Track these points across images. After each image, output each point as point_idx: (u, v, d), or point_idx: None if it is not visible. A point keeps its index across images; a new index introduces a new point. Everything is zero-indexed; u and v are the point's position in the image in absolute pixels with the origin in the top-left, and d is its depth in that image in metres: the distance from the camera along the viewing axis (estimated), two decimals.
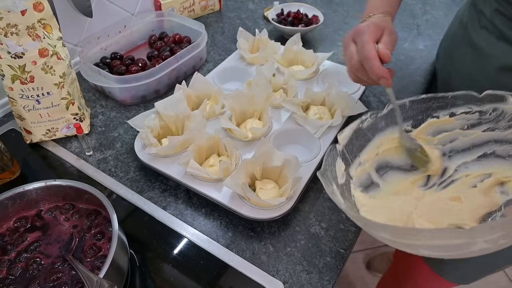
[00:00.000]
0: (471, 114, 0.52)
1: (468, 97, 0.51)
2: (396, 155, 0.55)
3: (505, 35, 0.59)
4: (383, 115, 0.53)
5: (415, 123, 0.54)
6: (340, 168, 0.50)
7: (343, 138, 0.51)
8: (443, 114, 0.53)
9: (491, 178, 0.51)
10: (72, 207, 0.55)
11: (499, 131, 0.51)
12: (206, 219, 0.60)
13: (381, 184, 0.54)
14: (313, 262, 0.55)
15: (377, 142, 0.54)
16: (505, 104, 0.49)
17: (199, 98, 0.75)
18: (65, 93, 0.66)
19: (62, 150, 0.71)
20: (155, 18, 0.95)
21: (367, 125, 0.53)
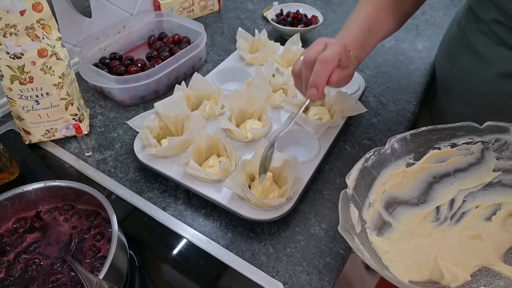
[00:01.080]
0: (473, 144, 0.52)
1: (469, 128, 0.51)
2: (402, 190, 0.55)
3: (504, 41, 0.59)
4: (386, 150, 0.53)
5: (417, 155, 0.54)
6: (354, 215, 0.49)
7: (351, 181, 0.50)
8: (444, 145, 0.53)
9: (503, 210, 0.51)
10: (72, 208, 0.55)
11: (503, 160, 0.51)
12: (205, 220, 0.60)
13: (393, 223, 0.54)
14: (313, 263, 0.55)
15: (383, 179, 0.54)
16: (508, 135, 0.49)
17: (199, 98, 0.75)
18: (64, 93, 0.66)
19: (61, 150, 0.70)
20: (154, 19, 0.95)
21: (372, 163, 0.53)
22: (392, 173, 0.54)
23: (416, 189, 0.56)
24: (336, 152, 0.71)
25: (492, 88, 0.63)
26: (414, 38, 1.03)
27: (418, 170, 0.55)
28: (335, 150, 0.71)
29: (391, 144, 0.53)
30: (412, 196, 0.55)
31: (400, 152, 0.54)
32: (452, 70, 0.73)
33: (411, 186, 0.56)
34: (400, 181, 0.55)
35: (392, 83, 0.87)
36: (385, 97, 0.83)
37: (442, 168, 0.55)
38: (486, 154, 0.52)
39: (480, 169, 0.53)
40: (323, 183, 0.65)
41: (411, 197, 0.55)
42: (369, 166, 0.53)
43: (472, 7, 0.66)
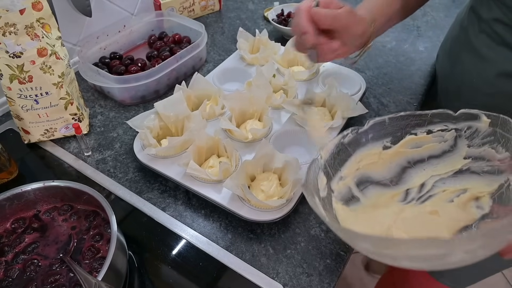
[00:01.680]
0: (448, 132, 0.53)
1: (445, 115, 0.53)
2: (376, 170, 0.56)
3: (505, 41, 0.59)
4: (364, 131, 0.54)
5: (394, 139, 0.55)
6: (322, 181, 0.50)
7: (325, 152, 0.51)
8: (420, 131, 0.54)
9: (467, 193, 0.52)
10: (71, 208, 0.54)
11: (473, 148, 0.52)
12: (205, 221, 0.59)
13: (361, 198, 0.55)
14: (313, 265, 0.54)
15: (358, 157, 0.55)
16: (479, 122, 0.50)
17: (199, 98, 0.74)
18: (63, 93, 0.65)
19: (61, 150, 0.70)
20: (154, 18, 0.95)
21: (348, 141, 0.54)
22: (367, 153, 0.55)
23: (390, 172, 0.57)
24: None
25: (492, 88, 0.63)
26: (415, 39, 1.02)
27: (393, 154, 0.56)
28: None
29: (370, 125, 0.54)
30: (384, 178, 0.56)
31: (377, 134, 0.55)
32: (453, 70, 0.72)
33: (385, 168, 0.56)
34: (375, 162, 0.56)
35: (393, 84, 0.86)
36: (386, 98, 0.83)
37: (417, 153, 0.56)
38: (459, 142, 0.53)
39: (453, 156, 0.54)
40: None
41: (384, 178, 0.56)
42: (345, 143, 0.53)
43: (474, 6, 0.66)
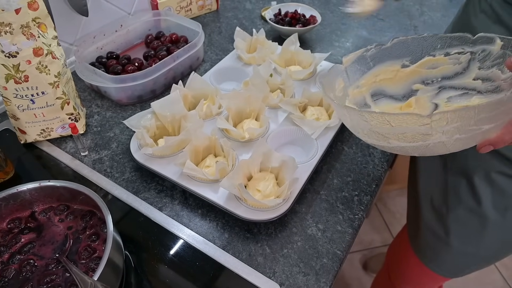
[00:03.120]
0: (463, 55, 0.55)
1: (464, 38, 0.55)
2: (391, 85, 0.59)
3: (500, 18, 0.60)
4: (387, 47, 0.57)
5: (413, 59, 0.58)
6: (339, 84, 0.54)
7: (347, 61, 0.55)
8: (439, 53, 0.57)
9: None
10: (67, 208, 0.54)
11: (483, 70, 0.54)
12: (202, 220, 0.59)
13: (372, 107, 0.58)
14: (309, 264, 0.54)
15: (377, 71, 0.58)
16: (493, 45, 0.52)
17: (196, 98, 0.74)
18: (60, 92, 0.65)
19: (57, 150, 0.70)
20: (151, 18, 0.94)
21: (371, 54, 0.57)
22: (386, 69, 0.58)
23: (404, 88, 0.59)
24: (334, 152, 0.70)
25: None
26: None
27: (410, 72, 0.58)
28: (333, 151, 0.71)
29: (393, 43, 0.57)
30: (398, 93, 0.59)
31: (399, 53, 0.57)
32: None
33: (400, 85, 0.59)
34: (391, 78, 0.59)
35: None
36: None
37: (432, 74, 0.58)
38: (471, 64, 0.55)
39: (463, 77, 0.56)
40: (320, 183, 0.65)
41: (397, 93, 0.59)
42: (367, 56, 0.56)
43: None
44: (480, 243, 0.70)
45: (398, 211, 1.76)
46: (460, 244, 0.72)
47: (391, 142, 0.43)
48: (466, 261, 0.77)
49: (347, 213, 0.61)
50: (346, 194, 0.64)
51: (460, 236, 0.71)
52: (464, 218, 0.69)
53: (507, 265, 1.57)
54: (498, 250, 0.72)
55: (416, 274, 0.88)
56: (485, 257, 0.75)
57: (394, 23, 1.09)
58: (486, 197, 0.65)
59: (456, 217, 0.70)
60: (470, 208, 0.67)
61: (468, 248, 0.72)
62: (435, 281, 0.89)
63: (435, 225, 0.74)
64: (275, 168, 0.61)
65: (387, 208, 1.77)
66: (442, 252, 0.77)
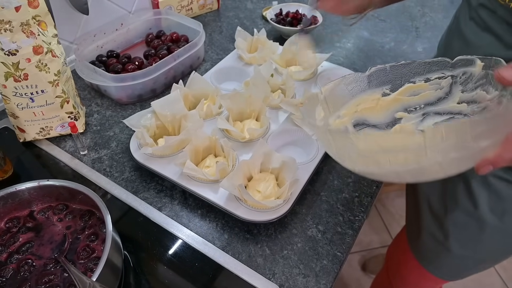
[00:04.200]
0: (444, 79, 0.55)
1: (443, 63, 0.54)
2: (373, 115, 0.58)
3: (488, 26, 0.60)
4: (365, 76, 0.56)
5: (393, 87, 0.57)
6: (319, 113, 0.52)
7: (325, 90, 0.53)
8: (419, 80, 0.56)
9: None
10: (66, 208, 0.54)
11: (467, 93, 0.54)
12: (202, 221, 0.59)
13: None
14: (309, 266, 0.54)
15: (357, 101, 0.56)
16: (473, 67, 0.52)
17: (196, 97, 0.74)
18: (59, 91, 0.65)
19: (56, 149, 0.70)
20: (152, 16, 0.94)
21: (349, 82, 0.55)
22: (367, 98, 0.56)
23: (386, 118, 0.58)
24: None
25: None
26: (413, 40, 1.02)
27: (392, 101, 0.57)
28: None
29: (371, 72, 0.56)
30: (381, 122, 0.58)
31: (378, 81, 0.56)
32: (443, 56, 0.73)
33: (383, 114, 0.58)
34: (373, 107, 0.57)
35: None
36: None
37: (414, 101, 0.57)
38: (454, 88, 0.55)
39: (447, 102, 0.56)
40: (321, 184, 0.65)
41: (381, 123, 0.58)
42: (346, 85, 0.55)
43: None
44: (479, 247, 0.70)
45: (397, 212, 1.75)
46: (459, 248, 0.72)
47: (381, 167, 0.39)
48: (465, 264, 0.77)
49: (347, 214, 0.61)
50: (347, 195, 0.63)
51: (459, 240, 0.71)
52: (463, 222, 0.69)
53: (506, 267, 1.57)
54: (496, 253, 0.72)
55: (415, 276, 0.88)
56: (484, 260, 0.75)
57: (395, 24, 1.09)
58: (483, 201, 0.65)
59: (455, 221, 0.70)
60: (468, 211, 0.67)
61: (467, 251, 0.72)
62: (434, 284, 0.89)
63: (434, 228, 0.74)
64: (276, 169, 0.61)
65: (386, 209, 1.77)
66: (441, 255, 0.77)
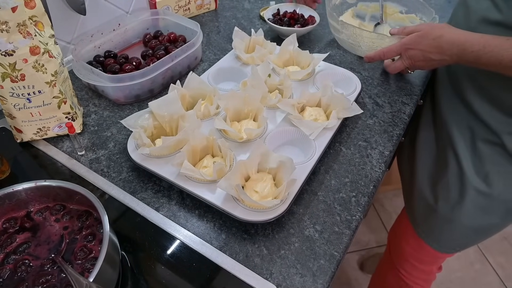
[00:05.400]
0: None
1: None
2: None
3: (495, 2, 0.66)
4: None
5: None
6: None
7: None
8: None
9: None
10: (63, 208, 0.54)
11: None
12: (199, 221, 0.59)
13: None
14: (307, 265, 0.54)
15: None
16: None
17: (194, 98, 0.74)
18: (57, 91, 0.65)
19: (54, 149, 0.69)
20: (150, 17, 0.94)
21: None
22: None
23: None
24: (332, 153, 0.70)
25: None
26: None
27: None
28: (331, 152, 0.71)
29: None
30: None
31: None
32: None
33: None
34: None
35: (388, 85, 0.86)
36: (381, 98, 0.83)
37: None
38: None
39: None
40: (318, 184, 0.65)
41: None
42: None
43: None
44: (463, 209, 0.75)
45: (395, 211, 1.76)
46: (445, 210, 0.78)
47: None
48: (453, 230, 0.81)
49: (344, 214, 0.61)
50: (344, 195, 0.64)
51: (445, 201, 0.77)
52: (450, 184, 0.76)
53: (503, 265, 1.58)
54: (481, 219, 0.76)
55: (414, 248, 0.91)
56: (470, 228, 0.79)
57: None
58: (467, 163, 0.72)
59: (444, 184, 0.77)
60: (456, 174, 0.74)
61: (453, 214, 0.77)
62: (432, 258, 0.91)
63: (426, 193, 0.81)
64: (273, 169, 0.61)
65: (384, 209, 1.77)
66: (430, 218, 0.82)
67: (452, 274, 1.55)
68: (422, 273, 0.95)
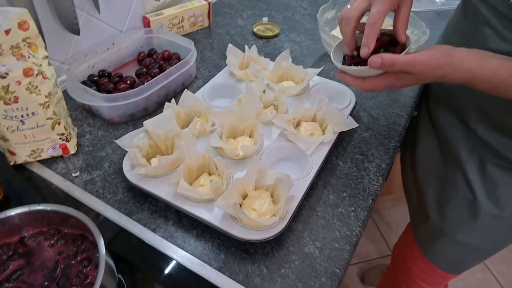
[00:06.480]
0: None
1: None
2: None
3: (487, 20, 0.61)
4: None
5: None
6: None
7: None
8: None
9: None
10: (57, 232, 0.53)
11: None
12: (197, 241, 0.58)
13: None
14: (308, 284, 0.53)
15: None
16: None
17: (189, 116, 0.74)
18: (50, 113, 0.64)
19: (48, 171, 0.69)
20: (143, 35, 0.94)
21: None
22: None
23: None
24: (329, 168, 0.70)
25: None
26: None
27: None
28: (328, 166, 0.70)
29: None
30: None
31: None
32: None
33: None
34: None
35: (382, 97, 0.87)
36: (376, 111, 0.83)
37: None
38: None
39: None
40: (316, 200, 0.64)
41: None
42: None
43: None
44: (474, 233, 0.73)
45: (394, 221, 1.75)
46: (455, 233, 0.75)
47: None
48: (461, 251, 0.79)
49: (344, 229, 0.60)
50: (343, 210, 0.63)
51: (455, 225, 0.75)
52: (460, 207, 0.73)
53: (504, 273, 1.57)
54: (491, 241, 0.75)
55: (422, 270, 0.89)
56: (478, 249, 0.77)
57: None
58: (479, 188, 0.69)
59: (453, 206, 0.74)
60: (466, 198, 0.71)
61: (463, 237, 0.75)
62: (437, 278, 0.90)
63: (435, 216, 0.78)
64: (270, 186, 0.61)
65: (382, 220, 1.76)
66: (438, 240, 0.80)
67: (454, 283, 1.53)
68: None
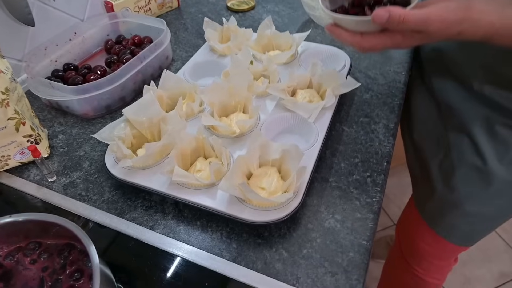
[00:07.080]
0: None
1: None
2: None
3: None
4: None
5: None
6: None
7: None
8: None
9: None
10: (38, 246, 0.45)
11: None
12: (203, 233, 0.51)
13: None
14: (335, 261, 0.47)
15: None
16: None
17: (172, 98, 0.66)
18: (11, 112, 0.55)
19: (19, 180, 0.60)
20: (108, 21, 0.85)
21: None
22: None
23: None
24: (334, 135, 0.64)
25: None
26: None
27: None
28: (332, 133, 0.64)
29: None
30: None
31: None
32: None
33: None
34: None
35: (376, 56, 0.82)
36: (372, 71, 0.78)
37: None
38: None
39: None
40: (327, 170, 0.58)
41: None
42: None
43: None
44: (487, 202, 0.68)
45: (391, 191, 1.72)
46: (466, 204, 0.69)
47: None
48: (474, 222, 0.74)
49: (363, 197, 0.54)
50: (358, 176, 0.57)
51: (466, 196, 0.69)
52: (470, 177, 0.67)
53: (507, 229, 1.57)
54: (505, 208, 0.70)
55: (431, 246, 0.84)
56: (492, 218, 0.73)
57: None
58: (490, 153, 0.62)
59: (462, 177, 0.68)
60: (476, 166, 0.65)
61: (475, 207, 0.69)
62: (449, 252, 0.86)
63: (441, 187, 0.72)
64: (276, 160, 0.54)
65: None
66: (448, 214, 0.74)
67: None
68: (439, 268, 0.90)
